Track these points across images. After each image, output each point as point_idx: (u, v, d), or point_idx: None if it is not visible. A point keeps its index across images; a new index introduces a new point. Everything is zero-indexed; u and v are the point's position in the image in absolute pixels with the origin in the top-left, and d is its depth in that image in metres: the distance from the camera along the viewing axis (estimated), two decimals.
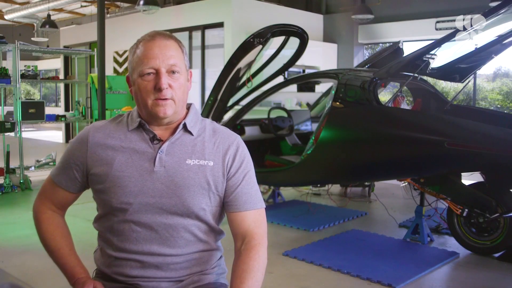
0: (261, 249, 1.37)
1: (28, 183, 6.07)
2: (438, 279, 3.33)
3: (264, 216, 1.44)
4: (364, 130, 3.86)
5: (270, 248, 3.80)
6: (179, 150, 1.38)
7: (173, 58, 1.35)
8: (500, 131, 3.45)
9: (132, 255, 1.37)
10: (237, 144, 1.44)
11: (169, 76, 1.35)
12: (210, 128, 1.46)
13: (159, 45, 1.34)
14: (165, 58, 1.34)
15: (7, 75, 5.96)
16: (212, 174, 1.38)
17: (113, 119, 1.47)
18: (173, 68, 1.35)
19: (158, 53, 1.34)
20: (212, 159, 1.39)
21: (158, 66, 1.33)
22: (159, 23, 9.12)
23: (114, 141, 1.40)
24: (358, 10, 8.14)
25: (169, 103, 1.35)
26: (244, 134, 5.19)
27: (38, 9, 11.61)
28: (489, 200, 3.58)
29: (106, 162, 1.38)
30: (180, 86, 1.37)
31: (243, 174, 1.42)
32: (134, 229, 1.36)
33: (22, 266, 3.40)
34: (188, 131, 1.41)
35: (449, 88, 11.16)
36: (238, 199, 1.40)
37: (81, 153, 1.42)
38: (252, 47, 4.42)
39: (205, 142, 1.41)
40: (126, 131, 1.41)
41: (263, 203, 1.45)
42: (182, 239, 1.37)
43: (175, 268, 1.38)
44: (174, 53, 1.36)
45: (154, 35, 1.37)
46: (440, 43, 3.59)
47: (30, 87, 20.64)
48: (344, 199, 5.66)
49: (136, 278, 1.38)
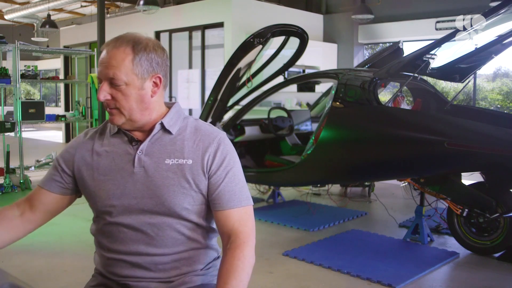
0: (246, 248, 1.32)
1: (28, 183, 6.07)
2: (438, 279, 3.33)
3: (251, 214, 1.40)
4: (364, 130, 3.86)
5: (270, 248, 3.82)
6: (157, 150, 1.37)
7: (112, 69, 1.30)
8: (500, 131, 3.44)
9: (122, 255, 1.38)
10: (218, 141, 1.39)
11: (111, 86, 1.32)
12: (192, 126, 1.43)
13: (107, 53, 1.32)
14: (105, 69, 1.31)
15: (7, 75, 5.96)
16: (191, 173, 1.35)
17: (101, 126, 1.49)
18: (113, 81, 1.31)
19: (102, 63, 1.32)
20: (191, 157, 1.36)
21: (99, 75, 1.33)
22: (159, 23, 9.12)
23: (99, 147, 1.42)
24: (358, 10, 8.14)
25: (116, 113, 1.34)
26: (244, 134, 5.19)
27: (38, 9, 11.61)
28: (489, 200, 3.58)
29: (91, 167, 1.40)
30: (125, 97, 1.32)
31: (226, 171, 1.38)
32: (121, 231, 1.37)
33: (22, 266, 3.40)
34: (167, 130, 1.39)
35: (449, 88, 11.16)
36: (221, 197, 1.36)
37: (70, 156, 1.45)
38: (252, 47, 4.42)
39: (185, 140, 1.39)
40: (108, 136, 1.43)
41: (249, 201, 1.40)
42: (169, 238, 1.36)
43: (164, 269, 1.38)
44: (117, 62, 1.30)
45: (110, 42, 1.34)
46: (440, 43, 3.59)
47: (30, 87, 20.64)
48: (344, 199, 5.66)
49: (127, 278, 1.39)
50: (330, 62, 9.10)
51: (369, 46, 10.34)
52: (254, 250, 1.35)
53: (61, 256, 3.59)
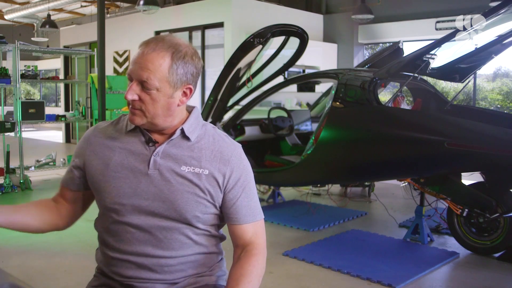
0: (260, 257, 1.37)
1: (28, 183, 6.07)
2: (438, 279, 3.33)
3: (263, 226, 1.44)
4: (364, 130, 3.86)
5: (270, 248, 3.80)
6: (174, 155, 1.36)
7: (147, 72, 1.27)
8: (500, 131, 3.44)
9: (127, 256, 1.37)
10: (236, 156, 1.40)
11: (142, 88, 1.30)
12: (210, 134, 1.41)
13: (143, 54, 1.29)
14: (139, 69, 1.28)
15: (7, 75, 5.96)
16: (207, 183, 1.35)
17: (115, 120, 1.47)
18: (144, 84, 1.29)
19: (137, 62, 1.29)
20: (207, 167, 1.35)
21: (131, 74, 1.30)
22: (159, 23, 9.13)
23: (113, 142, 1.40)
24: (358, 10, 8.13)
25: (138, 114, 1.32)
26: (244, 134, 5.19)
27: (38, 9, 11.61)
28: (489, 200, 3.58)
29: (103, 161, 1.38)
30: (153, 101, 1.30)
31: (243, 187, 1.40)
32: (128, 230, 1.36)
33: (22, 266, 3.40)
34: (186, 136, 1.38)
35: (449, 88, 11.15)
36: (238, 212, 1.38)
37: (82, 150, 1.44)
38: (252, 47, 4.41)
39: (203, 149, 1.37)
40: (124, 132, 1.41)
41: (262, 214, 1.44)
42: (177, 242, 1.36)
43: (169, 271, 1.37)
44: (153, 67, 1.28)
45: (149, 42, 1.31)
46: (440, 43, 3.59)
47: (30, 87, 20.63)
48: (344, 199, 5.67)
49: (131, 279, 1.38)
50: (330, 62, 9.10)
51: (369, 46, 10.34)
52: (264, 265, 1.39)
53: (61, 256, 3.59)
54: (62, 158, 6.99)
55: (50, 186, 6.40)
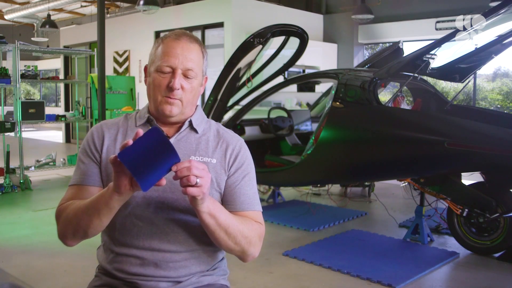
0: (261, 229, 1.42)
1: (28, 183, 6.07)
2: (438, 279, 3.33)
3: (262, 218, 1.46)
4: (364, 130, 3.86)
5: (270, 248, 3.82)
6: (183, 146, 1.42)
7: (191, 62, 1.39)
8: (500, 131, 3.45)
9: (133, 250, 1.38)
10: (240, 146, 1.48)
11: (184, 77, 1.39)
12: (214, 129, 1.50)
13: (182, 47, 1.38)
14: (184, 60, 1.38)
15: (7, 75, 5.96)
16: (215, 171, 1.41)
17: (121, 118, 1.52)
18: (189, 72, 1.38)
19: (179, 54, 1.37)
20: (215, 157, 1.43)
21: (175, 65, 1.37)
22: (159, 23, 9.13)
23: (123, 137, 1.45)
24: (358, 10, 8.13)
25: (177, 103, 1.39)
26: (244, 134, 5.19)
27: (38, 9, 11.60)
28: (489, 200, 3.58)
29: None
30: (192, 89, 1.41)
31: (243, 174, 1.45)
32: (135, 223, 1.38)
33: (22, 266, 3.39)
34: (193, 129, 1.45)
35: (449, 88, 11.15)
36: (236, 198, 1.42)
37: (99, 145, 1.44)
38: (252, 47, 4.42)
39: (209, 141, 1.45)
40: (134, 127, 1.46)
41: (260, 207, 1.47)
42: (182, 235, 1.38)
43: (174, 267, 1.38)
44: (194, 57, 1.40)
45: (181, 35, 1.41)
46: (440, 43, 3.59)
47: (30, 87, 20.64)
48: (344, 199, 5.67)
49: (135, 276, 1.38)
50: (330, 62, 9.10)
51: (369, 46, 10.34)
52: (259, 249, 1.41)
53: (61, 256, 3.59)
54: (62, 158, 7.00)
55: (50, 186, 6.41)
